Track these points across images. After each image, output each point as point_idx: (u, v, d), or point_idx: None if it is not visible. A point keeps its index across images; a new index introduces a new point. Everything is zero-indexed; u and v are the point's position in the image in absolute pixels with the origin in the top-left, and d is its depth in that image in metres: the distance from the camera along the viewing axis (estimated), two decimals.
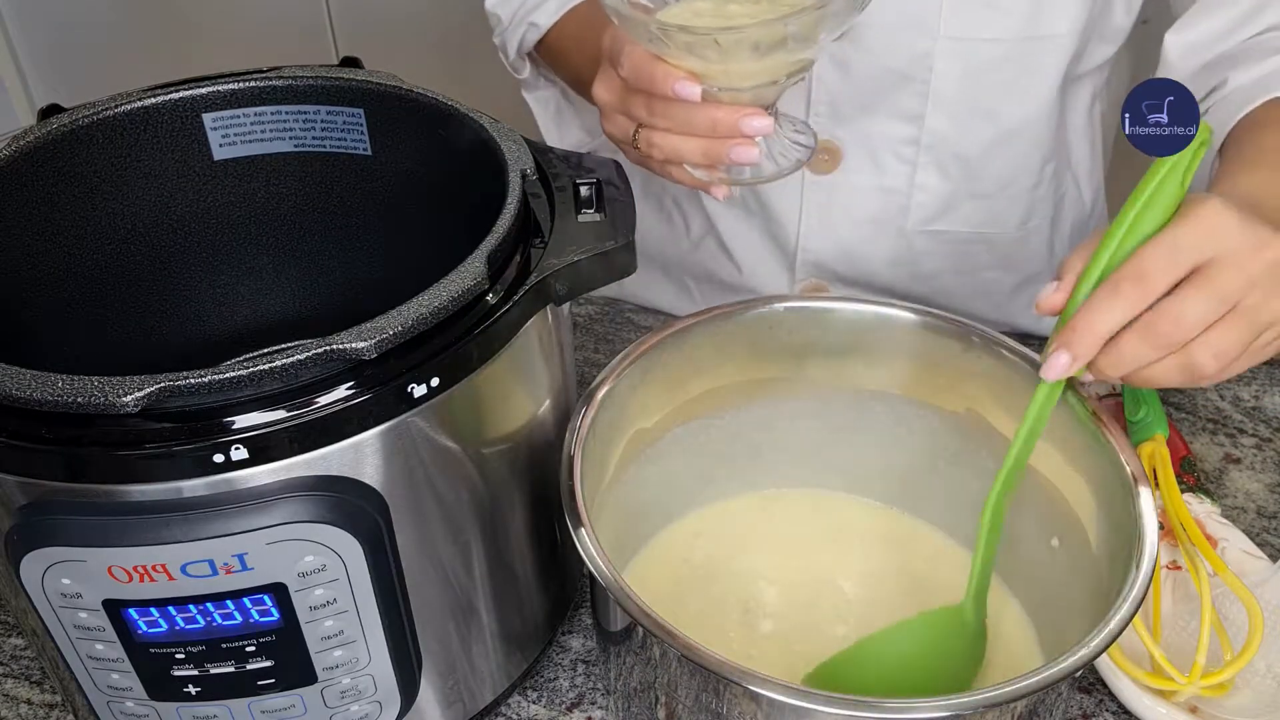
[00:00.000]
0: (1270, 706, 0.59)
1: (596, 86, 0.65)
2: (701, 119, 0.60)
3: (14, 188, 0.57)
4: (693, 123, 0.60)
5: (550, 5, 0.83)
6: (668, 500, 0.66)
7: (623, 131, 0.65)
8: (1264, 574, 0.64)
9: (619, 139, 0.66)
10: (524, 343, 0.51)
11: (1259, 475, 0.76)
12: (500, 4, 0.86)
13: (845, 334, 0.63)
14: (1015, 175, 0.83)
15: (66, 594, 0.46)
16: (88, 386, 0.42)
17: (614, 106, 0.65)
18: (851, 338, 0.63)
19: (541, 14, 0.83)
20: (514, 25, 0.85)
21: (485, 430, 0.52)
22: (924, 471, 0.65)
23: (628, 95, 0.63)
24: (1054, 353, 0.52)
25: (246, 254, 0.67)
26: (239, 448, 0.43)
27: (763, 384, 0.64)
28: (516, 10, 0.85)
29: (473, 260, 0.48)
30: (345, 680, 0.51)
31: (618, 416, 0.58)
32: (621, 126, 0.65)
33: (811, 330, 0.63)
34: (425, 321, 0.46)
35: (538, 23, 0.83)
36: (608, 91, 0.65)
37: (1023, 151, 0.82)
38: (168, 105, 0.61)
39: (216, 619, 0.47)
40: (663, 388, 0.61)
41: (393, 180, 0.64)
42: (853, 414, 0.65)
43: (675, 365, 0.61)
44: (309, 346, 0.44)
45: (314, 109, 0.63)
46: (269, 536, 0.45)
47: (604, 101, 0.65)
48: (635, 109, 0.63)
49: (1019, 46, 0.75)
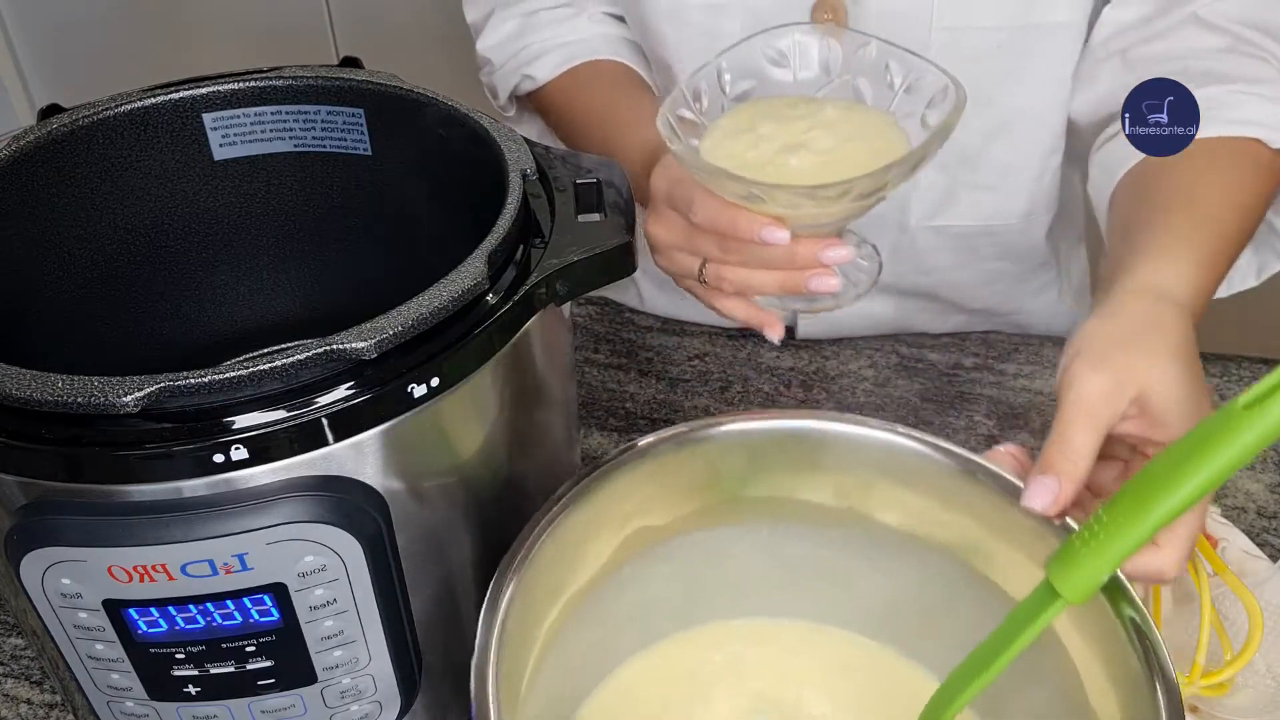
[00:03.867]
0: (1270, 706, 0.59)
1: (653, 226, 0.64)
2: (780, 253, 0.59)
3: (14, 188, 0.57)
4: (770, 257, 0.59)
5: (549, 60, 0.82)
6: (612, 647, 0.60)
7: (686, 269, 0.64)
8: (1264, 574, 0.64)
9: (679, 274, 0.65)
10: (524, 343, 0.51)
11: (1259, 475, 0.76)
12: (494, 49, 0.86)
13: (800, 455, 0.57)
14: (1015, 166, 0.82)
15: (66, 594, 0.46)
16: (88, 386, 0.42)
17: (676, 246, 0.64)
18: (811, 458, 0.57)
19: (539, 67, 0.83)
20: (507, 72, 0.85)
21: (485, 430, 0.52)
22: (902, 606, 0.60)
23: (694, 234, 0.62)
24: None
25: (246, 254, 0.67)
26: (239, 448, 0.43)
27: (710, 512, 0.59)
28: (511, 58, 0.85)
29: (473, 260, 0.48)
30: (345, 680, 0.51)
31: (548, 577, 0.52)
32: (684, 264, 0.64)
33: (761, 455, 0.57)
34: (425, 321, 0.46)
35: (534, 75, 0.83)
36: (668, 232, 0.64)
37: (1022, 142, 0.81)
38: (168, 105, 0.61)
39: (216, 619, 0.47)
40: (603, 531, 0.55)
41: (393, 180, 0.64)
42: (810, 544, 0.60)
43: (611, 506, 0.55)
44: (309, 346, 0.44)
45: (314, 109, 0.63)
46: (269, 536, 0.45)
47: (664, 241, 0.64)
48: (703, 247, 0.62)
49: (1015, 35, 0.75)
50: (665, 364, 0.88)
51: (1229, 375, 0.85)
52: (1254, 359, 0.86)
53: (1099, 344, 0.52)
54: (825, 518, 0.58)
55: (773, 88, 0.63)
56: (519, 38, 0.85)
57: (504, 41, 0.85)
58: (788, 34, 0.62)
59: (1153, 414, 0.51)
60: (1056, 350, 0.88)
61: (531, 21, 0.85)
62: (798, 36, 0.62)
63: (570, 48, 0.83)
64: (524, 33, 0.84)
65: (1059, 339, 0.90)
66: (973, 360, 0.87)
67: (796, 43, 0.62)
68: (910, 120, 0.59)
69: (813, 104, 0.62)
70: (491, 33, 0.86)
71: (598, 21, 0.85)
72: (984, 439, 0.80)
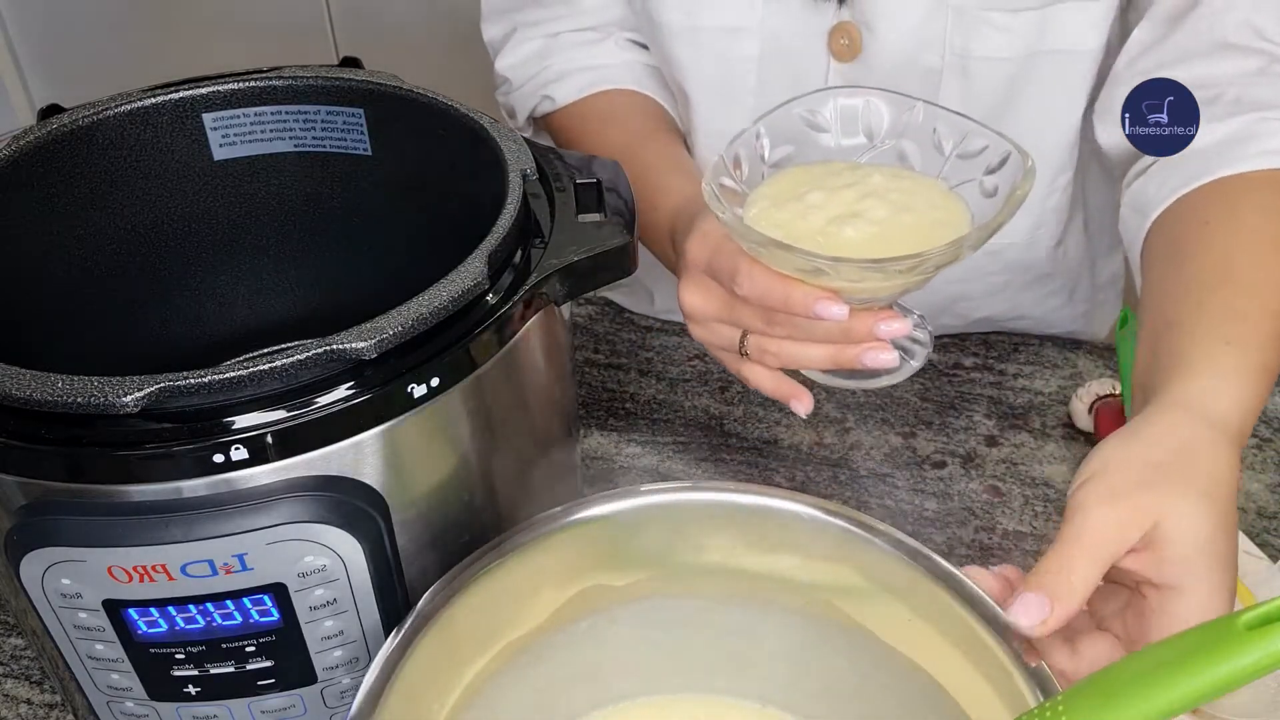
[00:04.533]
0: (1270, 706, 0.59)
1: (690, 295, 0.62)
2: (832, 327, 0.56)
3: (14, 188, 0.57)
4: (821, 331, 0.57)
5: (571, 83, 0.81)
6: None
7: (725, 341, 0.61)
8: (1264, 574, 0.64)
9: (717, 345, 0.63)
10: (524, 343, 0.51)
11: (1259, 475, 0.76)
12: (513, 68, 0.84)
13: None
14: None
15: (66, 594, 0.46)
16: (88, 386, 0.42)
17: (715, 317, 0.61)
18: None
19: (560, 89, 0.81)
20: (526, 92, 0.84)
21: (485, 430, 0.52)
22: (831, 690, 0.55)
23: (736, 306, 0.59)
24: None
25: (246, 254, 0.67)
26: (239, 448, 0.43)
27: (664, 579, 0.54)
28: (531, 78, 0.83)
29: (473, 260, 0.48)
30: (345, 680, 0.51)
31: (474, 625, 0.48)
32: (724, 336, 0.61)
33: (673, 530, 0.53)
34: (425, 321, 0.46)
35: (554, 97, 0.82)
36: (706, 302, 0.61)
37: None
38: (168, 105, 0.61)
39: (216, 619, 0.47)
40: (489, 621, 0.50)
41: (393, 180, 0.64)
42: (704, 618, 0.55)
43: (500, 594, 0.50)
44: (309, 346, 0.44)
45: (314, 109, 0.63)
46: (269, 536, 0.45)
47: (700, 311, 0.61)
48: (746, 319, 0.59)
49: (1028, 61, 0.73)
50: (665, 364, 0.88)
51: None
52: None
53: (1118, 474, 0.48)
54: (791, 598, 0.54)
55: (813, 153, 0.60)
56: (541, 58, 0.83)
57: (525, 61, 0.84)
58: (828, 98, 0.60)
59: (1160, 553, 0.47)
60: (1057, 350, 0.88)
61: (555, 43, 0.83)
62: (839, 100, 0.60)
63: (594, 72, 0.81)
64: (546, 54, 0.83)
65: (1059, 339, 0.90)
66: (973, 360, 0.87)
67: (838, 106, 0.60)
68: (967, 187, 0.57)
69: (858, 170, 0.59)
70: (511, 52, 0.85)
71: (623, 48, 0.83)
72: (984, 439, 0.80)
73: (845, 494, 0.76)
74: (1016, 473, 0.77)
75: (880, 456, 0.79)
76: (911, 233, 0.55)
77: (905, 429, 0.81)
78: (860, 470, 0.78)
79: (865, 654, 0.52)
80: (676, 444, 0.80)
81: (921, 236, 0.54)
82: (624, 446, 0.80)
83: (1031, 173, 0.54)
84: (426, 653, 0.46)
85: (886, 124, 0.59)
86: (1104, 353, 0.88)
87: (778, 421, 0.82)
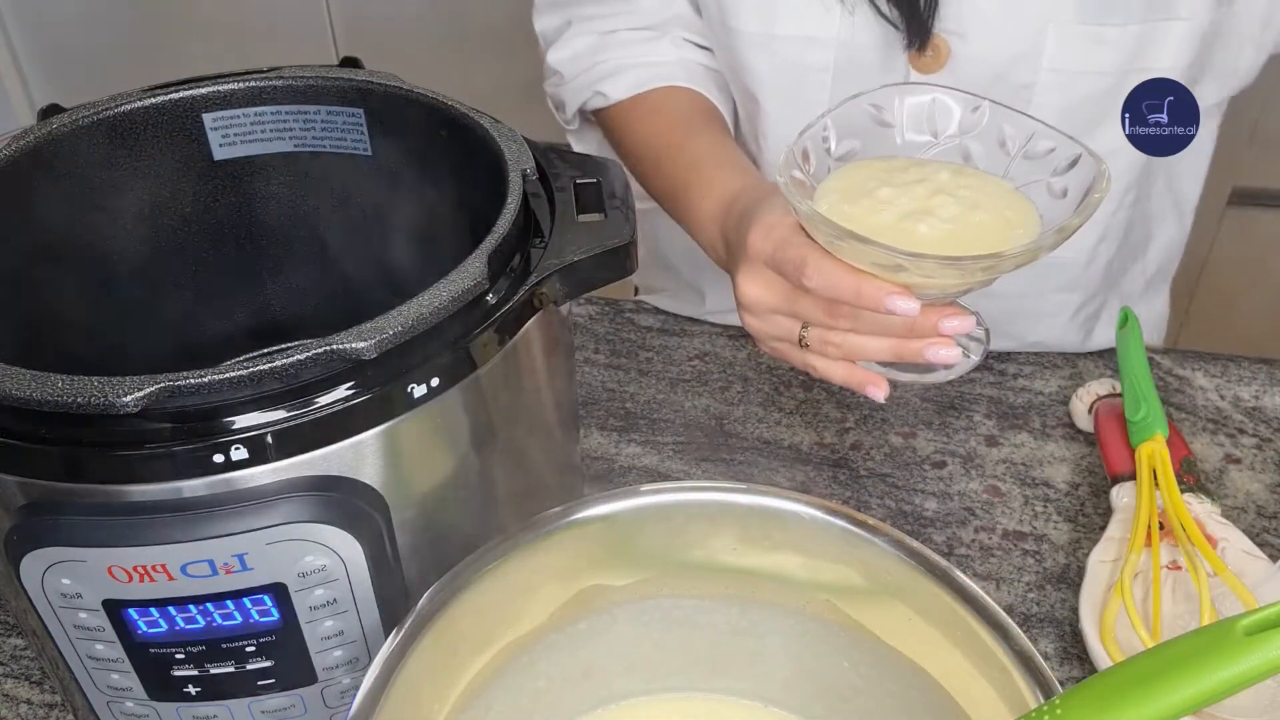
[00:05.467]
0: (1270, 706, 0.59)
1: (749, 286, 0.62)
2: (897, 321, 0.56)
3: (14, 187, 0.57)
4: (886, 324, 0.57)
5: (625, 79, 0.81)
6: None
7: (784, 332, 0.61)
8: (1264, 574, 0.64)
9: (775, 336, 0.62)
10: (524, 343, 0.51)
11: (1259, 475, 0.76)
12: (566, 62, 0.84)
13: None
14: None
15: (66, 594, 0.46)
16: (87, 386, 0.42)
17: (775, 308, 0.61)
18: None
19: (613, 85, 0.81)
20: (578, 86, 0.83)
21: (485, 430, 0.52)
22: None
23: (798, 298, 0.59)
24: None
25: (247, 254, 0.67)
26: (239, 448, 0.43)
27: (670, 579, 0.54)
28: (584, 72, 0.83)
29: (473, 260, 0.48)
30: (345, 680, 0.51)
31: (476, 623, 0.48)
32: (783, 328, 0.61)
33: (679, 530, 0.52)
34: (425, 321, 0.46)
35: (606, 93, 0.81)
36: (767, 293, 0.61)
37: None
38: (168, 105, 0.61)
39: (216, 619, 0.47)
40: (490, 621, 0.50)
41: (393, 180, 0.64)
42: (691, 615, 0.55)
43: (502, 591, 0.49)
44: (309, 346, 0.44)
45: (314, 109, 0.63)
46: (269, 536, 0.45)
47: (761, 302, 0.61)
48: (808, 311, 0.59)
49: (1121, 79, 0.73)
50: (665, 364, 0.88)
51: (1229, 375, 0.85)
52: (1254, 359, 0.86)
53: None
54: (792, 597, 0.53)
55: (878, 148, 0.60)
56: (595, 53, 0.83)
57: (578, 55, 0.83)
58: (895, 93, 0.60)
59: None
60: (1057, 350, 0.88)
61: (610, 39, 0.83)
62: (907, 96, 0.60)
63: (649, 69, 0.81)
64: (601, 49, 0.83)
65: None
66: None
67: (905, 102, 0.60)
68: (1033, 188, 0.57)
69: (924, 167, 0.59)
70: (565, 45, 0.84)
71: (679, 46, 0.83)
72: (984, 439, 0.80)
73: (845, 494, 0.76)
74: (1016, 473, 0.77)
75: (880, 456, 0.79)
76: (984, 231, 0.55)
77: (905, 429, 0.81)
78: (860, 470, 0.78)
79: (865, 654, 0.52)
80: (676, 444, 0.80)
81: (994, 235, 0.54)
82: (624, 446, 0.80)
83: (1105, 176, 0.54)
84: (426, 653, 0.46)
85: (954, 122, 0.59)
86: (1104, 353, 0.88)
87: (778, 422, 0.82)
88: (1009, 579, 0.70)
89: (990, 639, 0.46)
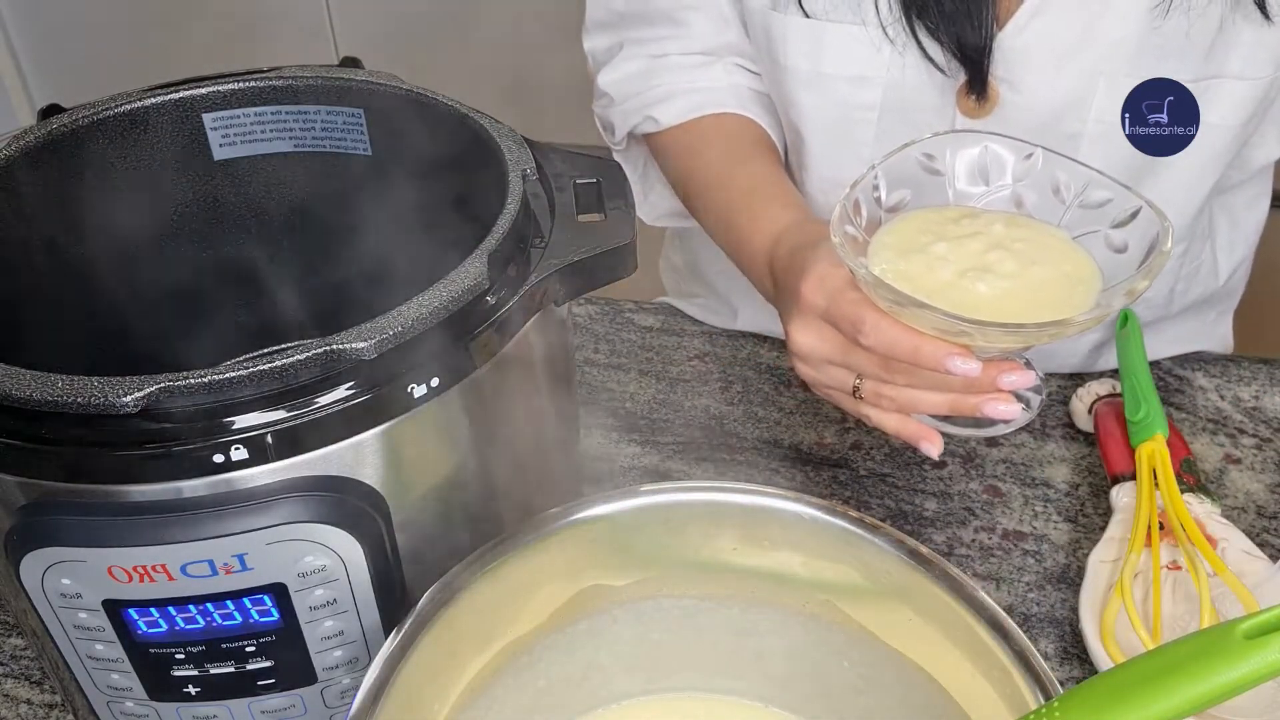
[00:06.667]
0: (1270, 706, 0.59)
1: (802, 336, 0.61)
2: (957, 378, 0.55)
3: (14, 188, 0.57)
4: (944, 380, 0.56)
5: (677, 105, 0.80)
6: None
7: (838, 383, 0.61)
8: (1264, 574, 0.64)
9: (828, 386, 0.62)
10: (524, 343, 0.51)
11: (1259, 475, 0.76)
12: (616, 84, 0.83)
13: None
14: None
15: (66, 594, 0.46)
16: (88, 386, 0.42)
17: (829, 359, 0.61)
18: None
19: (664, 111, 0.80)
20: (629, 110, 0.83)
21: (485, 430, 0.52)
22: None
23: (854, 351, 0.59)
24: None
25: (246, 254, 0.67)
26: (239, 448, 0.43)
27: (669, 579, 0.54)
28: (635, 96, 0.82)
29: (473, 260, 0.48)
30: (345, 680, 0.51)
31: (477, 623, 0.49)
32: (837, 379, 0.61)
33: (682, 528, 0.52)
34: (425, 321, 0.46)
35: (657, 118, 0.81)
36: (822, 345, 0.60)
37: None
38: (168, 105, 0.61)
39: (216, 619, 0.47)
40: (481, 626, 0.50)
41: (393, 180, 0.64)
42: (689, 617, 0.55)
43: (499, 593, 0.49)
44: (309, 346, 0.44)
45: (314, 109, 0.63)
46: (269, 537, 0.45)
47: (815, 353, 0.61)
48: (863, 365, 0.59)
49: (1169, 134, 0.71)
50: (665, 364, 0.88)
51: (1229, 375, 0.85)
52: (1254, 359, 0.86)
53: None
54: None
55: (929, 197, 0.60)
56: (646, 77, 0.82)
57: (629, 78, 0.83)
58: (947, 143, 0.60)
59: None
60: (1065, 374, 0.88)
61: (661, 63, 0.82)
62: (958, 145, 0.60)
63: (700, 95, 0.80)
64: (652, 73, 0.82)
65: None
66: None
67: (956, 151, 0.60)
68: (1091, 238, 0.56)
69: (977, 218, 0.59)
70: (616, 68, 0.83)
71: (730, 72, 0.82)
72: (984, 439, 0.80)
73: (845, 494, 0.76)
74: (1016, 473, 0.77)
75: (880, 456, 0.79)
76: (1044, 287, 0.55)
77: None
78: (860, 470, 0.78)
79: (865, 654, 0.52)
80: (676, 444, 0.80)
81: (1055, 291, 0.54)
82: (624, 446, 0.80)
83: (1169, 233, 0.53)
84: (426, 653, 0.46)
85: (1007, 170, 0.59)
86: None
87: (778, 422, 0.82)
88: (1009, 579, 0.70)
89: (990, 639, 0.46)
